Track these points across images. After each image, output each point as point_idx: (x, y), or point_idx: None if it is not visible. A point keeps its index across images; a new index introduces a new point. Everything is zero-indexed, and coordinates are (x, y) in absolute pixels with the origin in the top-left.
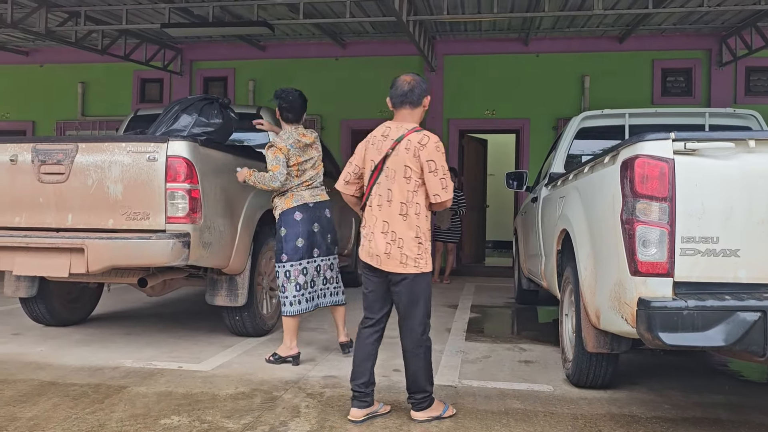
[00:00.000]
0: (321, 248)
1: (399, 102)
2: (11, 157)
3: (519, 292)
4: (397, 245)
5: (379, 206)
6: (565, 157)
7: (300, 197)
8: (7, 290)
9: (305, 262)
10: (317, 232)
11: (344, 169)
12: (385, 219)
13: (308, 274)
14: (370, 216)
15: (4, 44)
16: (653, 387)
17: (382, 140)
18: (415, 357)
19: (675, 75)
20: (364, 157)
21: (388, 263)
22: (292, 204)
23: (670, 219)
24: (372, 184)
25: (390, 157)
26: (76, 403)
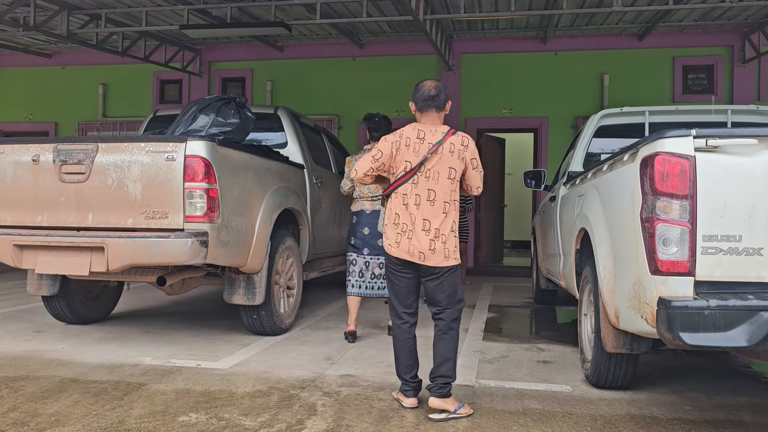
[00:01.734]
0: (370, 248)
1: (426, 106)
2: (33, 157)
3: (537, 292)
4: (441, 241)
5: (417, 205)
6: (584, 155)
7: (360, 204)
8: (29, 288)
9: (356, 255)
10: (367, 235)
11: (363, 161)
12: (425, 218)
13: (357, 265)
14: (406, 215)
15: (28, 47)
16: (674, 388)
17: (418, 143)
18: (450, 340)
19: (696, 72)
20: (393, 157)
21: (432, 258)
22: (354, 209)
23: (691, 217)
24: (402, 183)
25: (430, 160)
26: (96, 400)
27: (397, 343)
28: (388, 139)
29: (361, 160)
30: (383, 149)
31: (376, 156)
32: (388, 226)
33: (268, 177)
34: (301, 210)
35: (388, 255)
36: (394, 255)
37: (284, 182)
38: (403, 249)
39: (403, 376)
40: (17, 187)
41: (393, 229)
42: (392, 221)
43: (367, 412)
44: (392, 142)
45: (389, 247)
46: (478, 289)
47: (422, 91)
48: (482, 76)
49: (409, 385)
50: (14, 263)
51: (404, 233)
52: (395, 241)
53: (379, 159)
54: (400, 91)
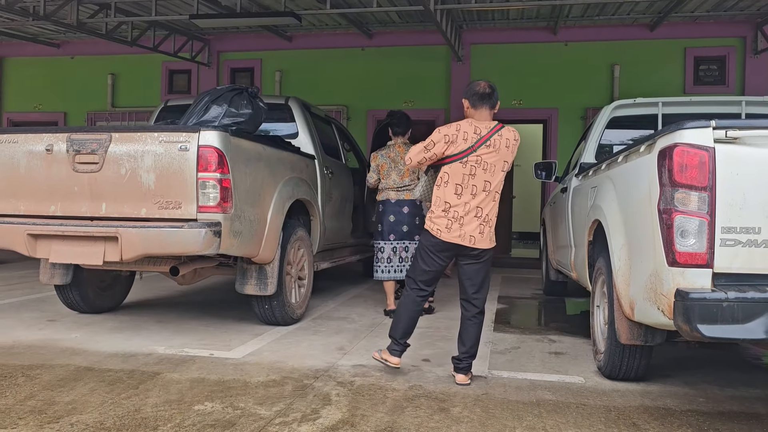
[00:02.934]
0: (396, 234)
1: (480, 103)
2: (47, 146)
3: (547, 284)
4: (488, 225)
5: (473, 195)
6: (597, 146)
7: (386, 194)
8: (42, 278)
9: (383, 243)
10: (393, 222)
11: (416, 151)
12: (479, 205)
13: (385, 252)
14: (460, 204)
15: (37, 36)
16: (687, 380)
17: (475, 137)
18: (479, 324)
19: (708, 63)
20: (446, 148)
21: (481, 242)
22: (379, 198)
23: (710, 209)
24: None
25: (489, 154)
26: (111, 388)
27: (406, 310)
28: (442, 131)
29: (413, 148)
30: (436, 140)
31: (428, 146)
32: (436, 214)
33: (280, 167)
34: (312, 201)
35: (434, 240)
36: (445, 240)
37: (296, 173)
38: (455, 234)
39: (398, 339)
40: (31, 176)
41: (443, 216)
42: (441, 209)
43: (381, 402)
44: (445, 135)
45: (438, 233)
46: None
47: (477, 90)
48: (492, 67)
49: (399, 347)
50: (28, 252)
51: (456, 220)
52: (445, 227)
53: (431, 149)
54: (409, 81)
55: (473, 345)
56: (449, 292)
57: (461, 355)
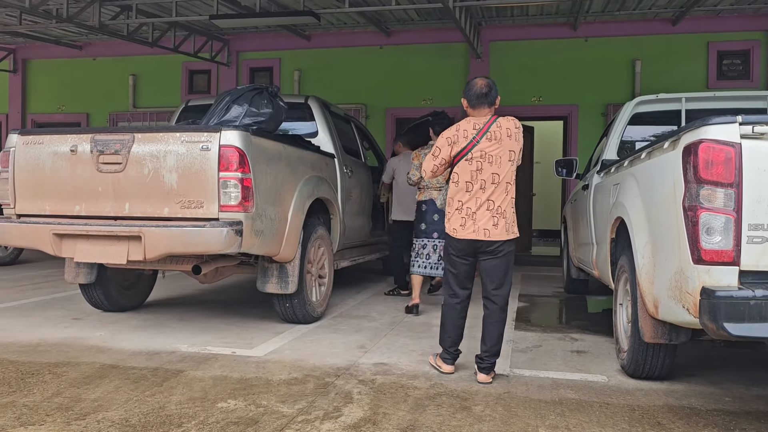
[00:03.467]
0: (439, 232)
1: (478, 103)
2: (71, 147)
3: (568, 282)
4: (503, 216)
5: (483, 189)
6: (619, 143)
7: (428, 194)
8: (67, 276)
9: (426, 240)
10: (437, 220)
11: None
12: (490, 198)
13: (426, 248)
14: (471, 200)
15: (59, 39)
16: (712, 379)
17: (474, 132)
18: (501, 323)
19: (731, 57)
20: (452, 149)
21: (496, 234)
22: (422, 198)
23: (736, 206)
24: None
25: (492, 146)
26: (136, 386)
27: (448, 320)
28: (444, 135)
29: (425, 161)
30: (440, 146)
31: (435, 153)
32: (451, 214)
33: (301, 166)
34: (332, 199)
35: (452, 240)
36: (461, 237)
37: (316, 172)
38: (469, 230)
39: (447, 348)
40: (56, 176)
41: (457, 215)
42: (454, 208)
43: (402, 400)
44: (447, 138)
45: (454, 232)
46: None
47: (475, 89)
48: (511, 64)
49: (450, 355)
50: (54, 252)
51: (469, 217)
52: (460, 225)
53: (439, 155)
54: (428, 79)
55: (495, 344)
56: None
57: (483, 354)
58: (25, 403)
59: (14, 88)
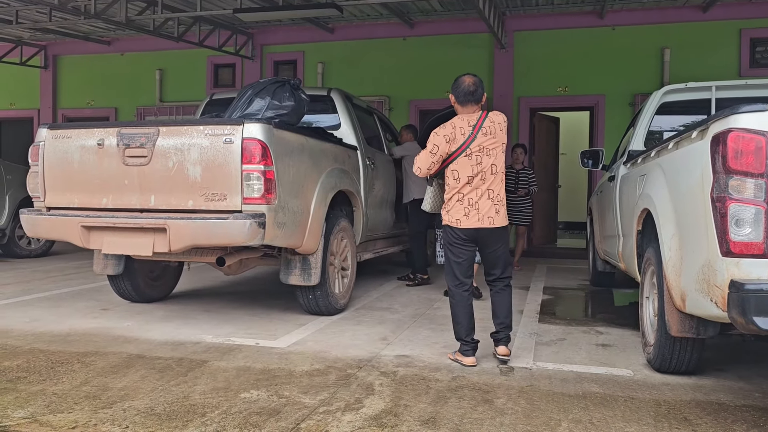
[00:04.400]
0: None
1: (466, 100)
2: (98, 141)
3: (594, 274)
4: (502, 204)
5: (483, 180)
6: (646, 133)
7: None
8: (95, 268)
9: None
10: None
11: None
12: (490, 188)
13: None
14: (472, 191)
15: (88, 35)
16: (741, 374)
17: (470, 129)
18: (510, 296)
19: (765, 45)
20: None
21: (498, 220)
22: None
23: (766, 196)
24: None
25: (488, 140)
26: (161, 375)
27: (458, 309)
28: (440, 132)
29: (418, 158)
30: (438, 143)
31: (433, 151)
32: (452, 206)
33: (323, 159)
34: (354, 191)
35: (456, 231)
36: (466, 227)
37: (338, 164)
38: (474, 220)
39: (464, 338)
40: (83, 170)
41: (459, 206)
42: (456, 200)
43: (424, 392)
44: (444, 135)
45: (458, 222)
46: (532, 270)
47: (463, 87)
48: (536, 54)
49: (469, 345)
50: (82, 244)
51: (472, 206)
52: (464, 215)
53: (437, 152)
54: (451, 70)
55: (507, 316)
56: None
57: (499, 327)
58: (55, 391)
59: (45, 83)
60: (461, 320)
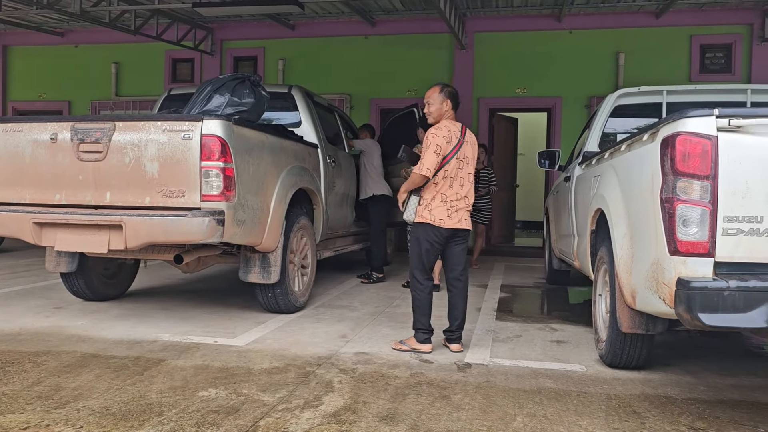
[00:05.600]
0: None
1: (456, 107)
2: (51, 135)
3: (550, 272)
4: (469, 209)
5: (461, 186)
6: (600, 135)
7: None
8: (48, 265)
9: None
10: None
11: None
12: (465, 195)
13: None
14: (454, 194)
15: (40, 25)
16: (688, 368)
17: (458, 135)
18: (466, 296)
19: (714, 51)
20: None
21: (468, 224)
22: None
23: (712, 198)
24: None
25: (468, 148)
26: (117, 375)
27: (424, 301)
28: (438, 134)
29: (426, 160)
30: (440, 143)
31: (436, 151)
32: (435, 206)
33: (283, 156)
34: (315, 189)
35: (436, 229)
36: (447, 227)
37: (299, 161)
38: (455, 221)
39: (428, 326)
40: (36, 165)
41: (442, 207)
42: (439, 200)
43: (383, 389)
44: (444, 136)
45: (441, 222)
46: (491, 268)
47: (456, 96)
48: (496, 55)
49: (430, 333)
50: (34, 240)
51: (453, 209)
52: (447, 216)
53: (440, 152)
54: (412, 69)
55: (463, 315)
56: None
57: (454, 326)
58: (5, 392)
59: None
60: (425, 311)
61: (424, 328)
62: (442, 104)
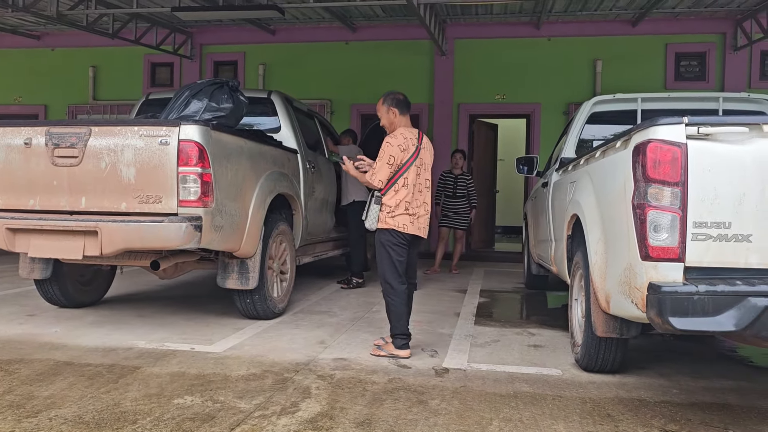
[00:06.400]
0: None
1: (405, 109)
2: (25, 140)
3: (528, 277)
4: (428, 215)
5: (420, 192)
6: (577, 141)
7: None
8: (22, 272)
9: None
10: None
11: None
12: (425, 201)
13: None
14: (415, 200)
15: (16, 28)
16: (662, 372)
17: (414, 141)
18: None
19: (688, 59)
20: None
21: (425, 232)
22: None
23: (682, 204)
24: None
25: (423, 156)
26: (91, 383)
27: (400, 307)
28: (393, 143)
29: (379, 171)
30: (393, 153)
31: (390, 162)
32: (399, 213)
33: (262, 162)
34: (294, 195)
35: (400, 234)
36: (410, 233)
37: (278, 167)
38: (416, 227)
39: (405, 332)
40: (9, 170)
41: (405, 214)
42: (403, 208)
43: (360, 394)
44: (399, 145)
45: (405, 227)
46: (470, 273)
47: (401, 98)
48: (475, 62)
49: (408, 338)
50: (7, 247)
51: (414, 215)
52: (409, 222)
53: (394, 162)
54: (393, 75)
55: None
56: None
57: (408, 331)
58: None
59: None
60: (404, 316)
61: (402, 333)
62: (388, 113)
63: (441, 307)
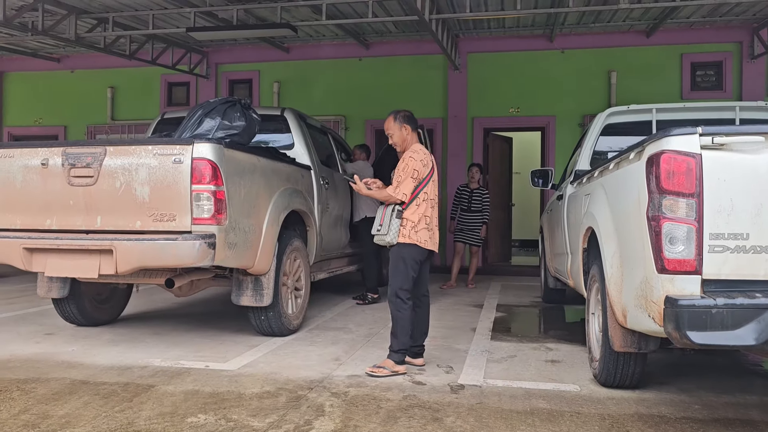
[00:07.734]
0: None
1: (416, 127)
2: (42, 160)
3: (545, 291)
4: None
5: (433, 208)
6: (591, 153)
7: None
8: (39, 291)
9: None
10: None
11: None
12: (436, 215)
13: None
14: (431, 217)
15: (36, 51)
16: (683, 387)
17: (429, 159)
18: (428, 307)
19: (705, 69)
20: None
21: (436, 246)
22: None
23: (697, 215)
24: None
25: (435, 171)
26: (106, 402)
27: (407, 320)
28: (417, 157)
29: (403, 185)
30: (417, 168)
31: (414, 176)
32: (420, 228)
33: (275, 178)
34: (308, 211)
35: (420, 249)
36: (428, 248)
37: (291, 184)
38: (432, 242)
39: (414, 344)
40: (27, 190)
41: (425, 229)
42: (424, 223)
43: (374, 412)
44: (421, 159)
45: (425, 243)
46: (487, 288)
47: (410, 115)
48: (489, 75)
49: (418, 350)
50: (24, 266)
51: (430, 230)
52: (428, 237)
53: (417, 177)
54: (407, 90)
55: (427, 329)
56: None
57: (421, 340)
58: None
59: None
60: (408, 330)
61: (405, 348)
62: (401, 130)
63: (457, 322)
